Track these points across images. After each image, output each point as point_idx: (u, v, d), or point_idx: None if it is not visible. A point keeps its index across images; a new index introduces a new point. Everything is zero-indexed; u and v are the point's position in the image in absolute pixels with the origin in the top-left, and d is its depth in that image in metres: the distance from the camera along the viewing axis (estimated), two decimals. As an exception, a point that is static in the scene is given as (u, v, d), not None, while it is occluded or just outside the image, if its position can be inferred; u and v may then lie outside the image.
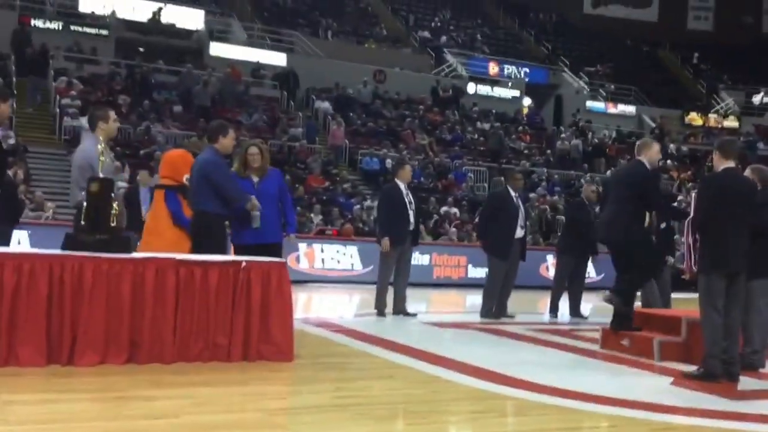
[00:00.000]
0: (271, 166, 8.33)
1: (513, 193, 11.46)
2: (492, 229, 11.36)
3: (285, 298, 6.88)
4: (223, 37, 30.32)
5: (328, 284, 16.59)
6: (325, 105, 28.03)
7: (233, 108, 25.91)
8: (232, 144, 7.85)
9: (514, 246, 11.32)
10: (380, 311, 11.07)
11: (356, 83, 29.86)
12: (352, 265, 17.46)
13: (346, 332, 9.12)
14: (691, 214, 7.49)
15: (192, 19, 30.08)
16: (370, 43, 34.61)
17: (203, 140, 8.31)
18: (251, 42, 30.75)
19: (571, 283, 12.28)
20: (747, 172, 7.80)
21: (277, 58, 30.06)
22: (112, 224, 6.55)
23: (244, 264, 6.75)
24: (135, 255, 6.65)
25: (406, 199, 11.00)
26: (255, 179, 8.04)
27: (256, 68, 29.10)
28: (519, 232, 11.40)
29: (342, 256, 17.43)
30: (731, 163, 7.14)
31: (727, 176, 7.09)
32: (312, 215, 19.60)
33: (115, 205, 6.60)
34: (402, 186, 11.04)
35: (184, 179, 7.91)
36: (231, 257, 7.07)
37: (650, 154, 8.33)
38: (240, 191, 7.69)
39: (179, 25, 29.77)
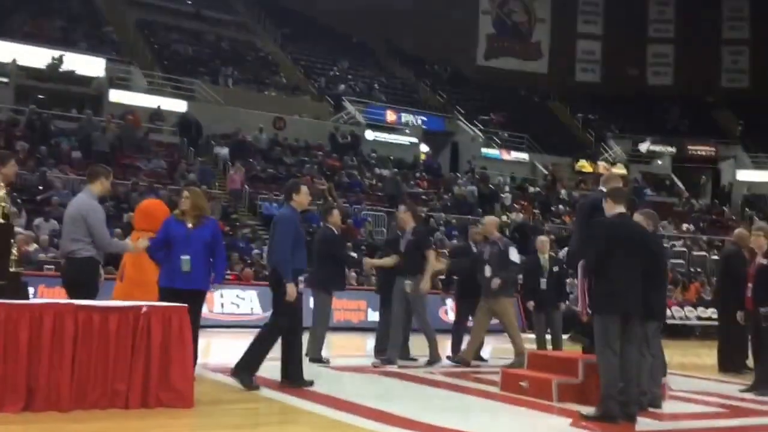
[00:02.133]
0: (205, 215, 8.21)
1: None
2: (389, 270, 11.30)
3: (185, 343, 6.76)
4: (123, 85, 29.89)
5: (227, 329, 16.32)
6: (224, 151, 27.81)
7: (132, 154, 25.48)
8: (308, 200, 8.35)
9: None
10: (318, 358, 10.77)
11: (256, 130, 29.75)
12: (252, 309, 17.25)
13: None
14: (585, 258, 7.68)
15: (92, 67, 29.62)
16: (270, 90, 34.59)
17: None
18: (151, 89, 30.39)
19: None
20: (638, 217, 8.04)
21: (178, 105, 29.76)
22: (11, 269, 6.37)
23: (144, 309, 6.60)
24: (33, 301, 6.46)
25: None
26: (189, 225, 7.92)
27: (155, 114, 28.72)
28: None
29: (241, 301, 17.21)
30: (622, 209, 7.35)
31: (619, 221, 7.29)
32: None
33: (14, 250, 6.43)
34: (335, 230, 11.01)
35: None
36: (131, 303, 6.90)
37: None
38: None
39: (79, 72, 29.26)
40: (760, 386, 9.60)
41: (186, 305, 6.98)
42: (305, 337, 10.78)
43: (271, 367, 10.00)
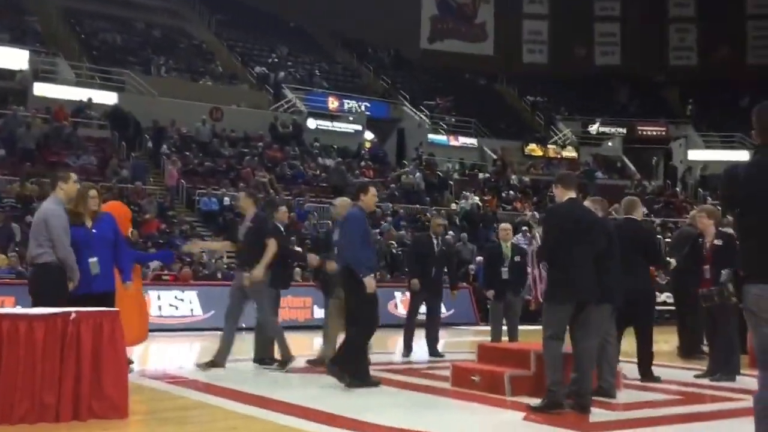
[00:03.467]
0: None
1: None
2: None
3: (118, 349, 6.62)
4: (49, 77, 29.33)
5: (165, 333, 16.11)
6: (161, 145, 27.48)
7: (60, 150, 25.04)
8: (374, 201, 8.74)
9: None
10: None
11: (192, 121, 29.44)
12: (192, 310, 17.06)
13: (185, 383, 8.83)
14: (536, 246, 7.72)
15: (15, 59, 29.03)
16: (205, 80, 34.24)
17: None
18: (79, 82, 29.88)
19: (427, 320, 12.40)
20: (587, 203, 8.10)
21: (108, 98, 29.31)
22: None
23: (73, 315, 6.44)
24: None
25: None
26: (89, 223, 7.78)
27: (82, 108, 28.22)
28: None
29: (180, 302, 17.00)
30: (572, 194, 7.43)
31: (570, 207, 7.36)
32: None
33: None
34: (281, 227, 10.92)
35: (129, 234, 8.46)
36: (59, 309, 6.73)
37: (639, 212, 9.31)
38: None
39: (1, 65, 28.67)
40: (715, 371, 9.72)
41: (117, 309, 6.84)
42: (251, 339, 10.70)
43: (211, 372, 9.85)
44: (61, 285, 7.61)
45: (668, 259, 10.31)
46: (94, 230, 7.90)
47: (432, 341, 12.33)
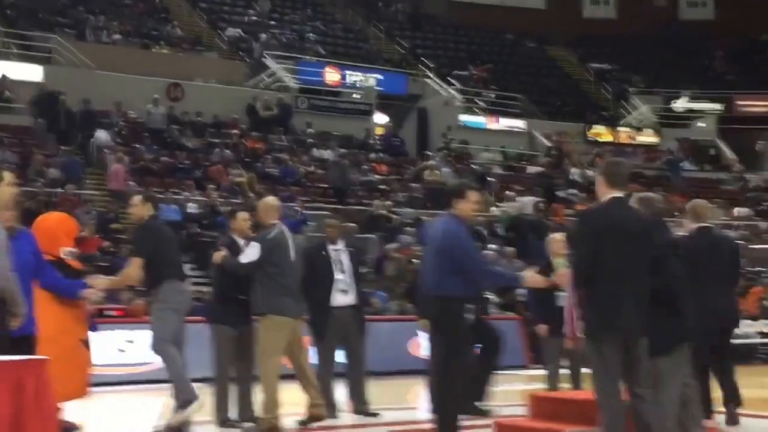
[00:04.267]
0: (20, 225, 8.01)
1: (330, 247, 11.55)
2: (308, 299, 11.30)
3: (47, 412, 6.47)
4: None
5: (111, 387, 15.96)
6: (102, 135, 27.42)
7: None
8: (473, 208, 9.08)
9: (341, 318, 11.40)
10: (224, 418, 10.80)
11: (143, 103, 29.40)
12: (146, 357, 16.89)
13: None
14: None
15: None
16: (160, 46, 34.22)
17: None
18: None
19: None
20: (633, 202, 8.06)
21: (30, 72, 29.29)
22: None
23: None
24: None
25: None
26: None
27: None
28: (341, 299, 11.41)
29: (130, 346, 16.87)
30: (618, 192, 7.43)
31: (613, 209, 7.33)
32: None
33: None
34: (240, 240, 10.92)
35: (62, 253, 8.64)
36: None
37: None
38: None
39: None
40: None
41: (44, 357, 6.71)
42: (210, 393, 10.59)
43: None
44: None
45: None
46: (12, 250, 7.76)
47: (467, 392, 12.19)
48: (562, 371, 11.96)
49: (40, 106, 27.94)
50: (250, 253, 10.34)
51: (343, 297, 11.45)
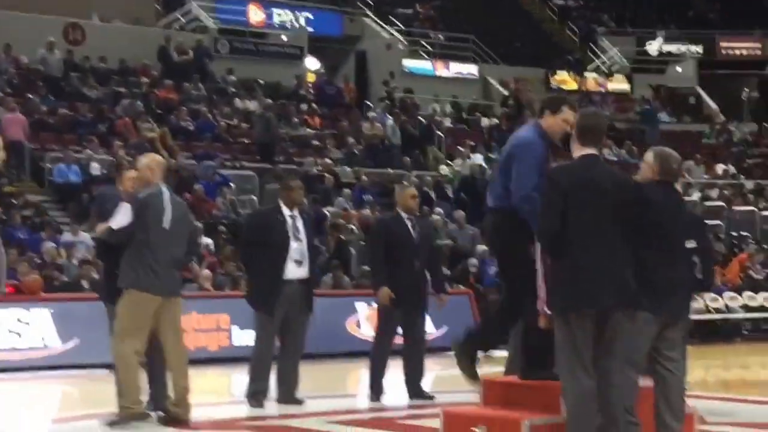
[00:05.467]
0: None
1: (286, 211, 11.45)
2: (253, 269, 11.37)
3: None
4: None
5: (4, 374, 15.93)
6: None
7: None
8: (562, 126, 8.28)
9: (290, 293, 11.30)
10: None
11: (36, 46, 29.13)
12: (44, 340, 16.86)
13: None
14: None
15: None
16: (55, -20, 33.88)
17: None
18: None
19: (405, 345, 12.40)
20: (649, 157, 8.06)
21: None
22: None
23: None
24: None
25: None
26: None
27: None
28: (296, 271, 11.40)
29: (25, 327, 16.78)
30: (591, 149, 7.49)
31: (584, 167, 7.40)
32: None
33: None
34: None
35: None
36: None
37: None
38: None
39: None
40: None
41: None
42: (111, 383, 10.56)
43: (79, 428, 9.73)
44: None
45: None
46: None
47: (414, 376, 12.35)
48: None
49: None
50: (120, 217, 10.10)
51: (296, 269, 11.39)
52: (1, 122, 25.19)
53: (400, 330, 12.40)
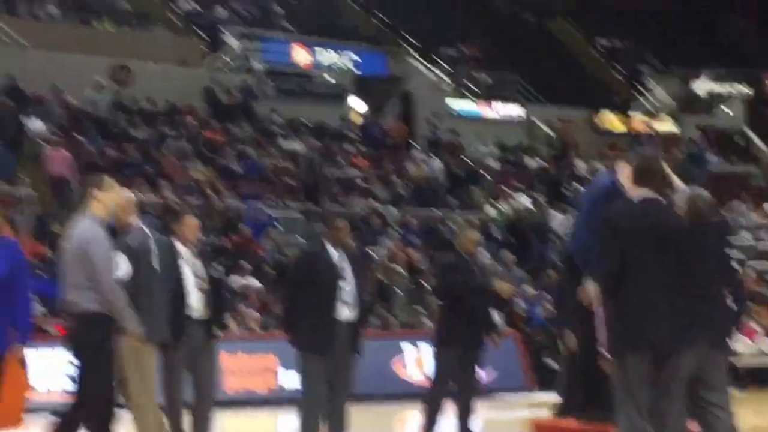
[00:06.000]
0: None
1: (333, 252, 11.39)
2: (301, 310, 11.29)
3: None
4: None
5: (52, 415, 15.87)
6: (37, 124, 27.29)
7: None
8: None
9: (340, 334, 11.23)
10: None
11: (85, 86, 29.25)
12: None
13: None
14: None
15: None
16: (102, 22, 34.10)
17: None
18: None
19: (459, 388, 12.34)
20: (681, 200, 8.11)
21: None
22: None
23: None
24: None
25: (188, 269, 10.78)
26: None
27: None
28: (346, 312, 11.33)
29: (75, 369, 16.74)
30: (647, 191, 7.50)
31: (644, 209, 7.41)
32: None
33: None
34: (182, 249, 10.86)
35: None
36: None
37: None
38: None
39: None
40: None
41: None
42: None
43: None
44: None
45: None
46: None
47: (464, 417, 12.30)
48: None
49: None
50: (123, 266, 9.76)
51: (345, 310, 11.33)
52: (48, 158, 25.46)
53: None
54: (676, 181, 8.26)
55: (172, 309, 10.33)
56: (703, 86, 42.08)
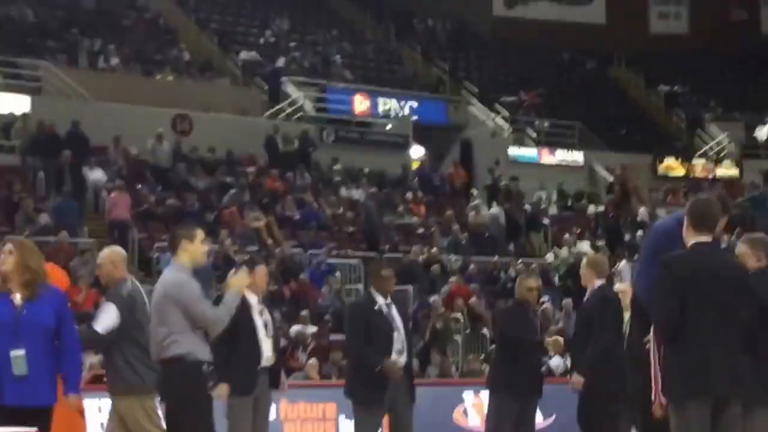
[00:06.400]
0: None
1: (380, 300, 11.35)
2: (354, 361, 11.30)
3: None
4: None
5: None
6: (97, 174, 27.50)
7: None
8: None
9: (395, 383, 11.15)
10: None
11: (146, 136, 29.45)
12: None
13: None
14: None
15: None
16: (165, 73, 34.37)
17: None
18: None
19: None
20: (741, 247, 8.04)
21: (15, 103, 29.40)
22: None
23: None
24: None
25: (259, 319, 10.79)
26: (17, 297, 7.95)
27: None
28: (398, 360, 11.24)
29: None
30: (706, 236, 7.39)
31: (701, 254, 7.32)
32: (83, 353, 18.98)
33: None
34: (252, 299, 10.81)
35: None
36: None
37: None
38: None
39: None
40: None
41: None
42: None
43: None
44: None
45: None
46: (24, 309, 7.92)
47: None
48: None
49: (33, 143, 27.91)
50: (105, 317, 9.70)
51: (398, 358, 11.28)
52: (108, 205, 25.67)
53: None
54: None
55: (247, 359, 10.54)
56: (765, 131, 41.76)
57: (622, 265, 28.01)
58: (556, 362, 21.12)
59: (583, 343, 11.09)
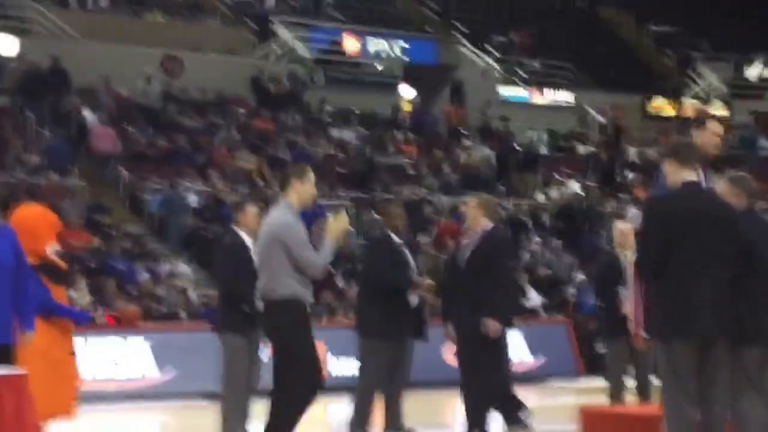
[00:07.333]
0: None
1: (396, 239, 11.39)
2: (374, 296, 11.33)
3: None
4: None
5: (101, 404, 16.04)
6: (89, 116, 27.46)
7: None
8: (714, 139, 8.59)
9: (404, 321, 11.22)
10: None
11: (135, 77, 29.45)
12: (143, 372, 17.02)
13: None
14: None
15: None
16: (153, 13, 34.26)
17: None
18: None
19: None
20: (722, 186, 8.03)
21: (5, 45, 29.36)
22: None
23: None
24: None
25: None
26: None
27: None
28: (413, 299, 11.33)
29: (123, 357, 16.96)
30: (692, 175, 7.44)
31: (687, 194, 7.38)
32: (72, 293, 19.01)
33: None
34: (245, 237, 10.95)
35: (48, 252, 8.72)
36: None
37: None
38: None
39: None
40: None
41: (22, 371, 6.79)
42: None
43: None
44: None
45: None
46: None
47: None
48: (626, 381, 11.94)
49: (22, 84, 27.85)
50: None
51: (413, 297, 11.36)
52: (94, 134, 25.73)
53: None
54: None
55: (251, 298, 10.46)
56: (755, 71, 41.78)
57: (633, 210, 28.19)
58: (534, 300, 21.23)
59: (477, 285, 10.79)
